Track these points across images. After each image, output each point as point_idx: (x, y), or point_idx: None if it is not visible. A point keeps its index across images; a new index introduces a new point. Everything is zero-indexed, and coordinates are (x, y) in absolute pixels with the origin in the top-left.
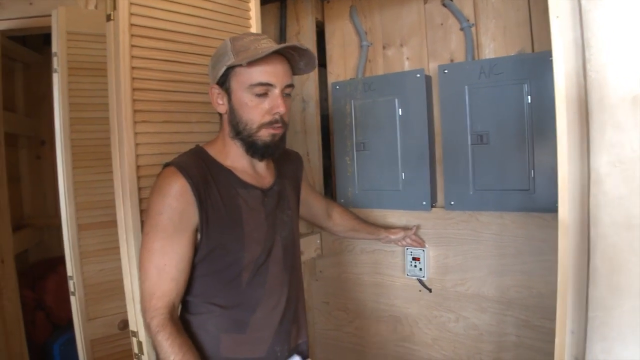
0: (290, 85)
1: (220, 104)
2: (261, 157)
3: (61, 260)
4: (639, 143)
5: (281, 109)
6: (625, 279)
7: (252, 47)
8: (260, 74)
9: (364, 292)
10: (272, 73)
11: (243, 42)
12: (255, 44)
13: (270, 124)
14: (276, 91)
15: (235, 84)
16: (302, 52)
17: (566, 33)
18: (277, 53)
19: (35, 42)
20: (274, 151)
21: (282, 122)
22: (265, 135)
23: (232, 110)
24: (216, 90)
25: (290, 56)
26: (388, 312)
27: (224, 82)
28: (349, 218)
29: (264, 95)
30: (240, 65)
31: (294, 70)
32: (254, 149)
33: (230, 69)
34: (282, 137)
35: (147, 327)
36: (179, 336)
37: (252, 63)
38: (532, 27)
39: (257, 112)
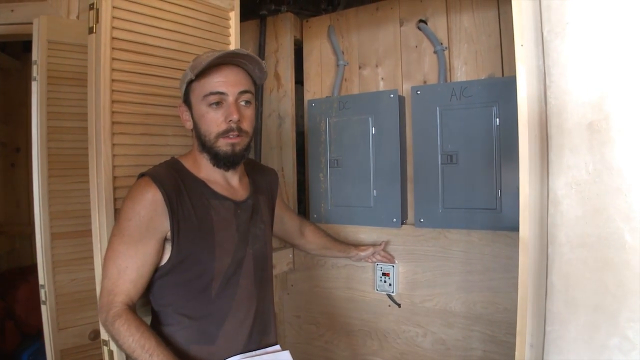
0: (246, 92)
1: (187, 121)
2: (226, 168)
3: (32, 269)
4: (593, 166)
5: (234, 116)
6: (580, 295)
7: (205, 61)
8: (211, 84)
9: (334, 306)
10: (222, 82)
11: (200, 59)
12: (209, 58)
13: (226, 132)
14: (229, 99)
15: (194, 98)
16: (248, 58)
17: (529, 61)
18: (230, 63)
19: (14, 49)
20: (237, 161)
21: (241, 131)
22: (223, 145)
23: (195, 125)
24: (182, 108)
25: (243, 65)
26: (358, 326)
27: (187, 99)
28: (321, 236)
29: (218, 105)
30: (196, 80)
31: (255, 79)
32: (216, 159)
33: (189, 85)
34: (246, 148)
35: (105, 320)
36: (136, 320)
37: (204, 75)
38: (502, 53)
39: (213, 122)
